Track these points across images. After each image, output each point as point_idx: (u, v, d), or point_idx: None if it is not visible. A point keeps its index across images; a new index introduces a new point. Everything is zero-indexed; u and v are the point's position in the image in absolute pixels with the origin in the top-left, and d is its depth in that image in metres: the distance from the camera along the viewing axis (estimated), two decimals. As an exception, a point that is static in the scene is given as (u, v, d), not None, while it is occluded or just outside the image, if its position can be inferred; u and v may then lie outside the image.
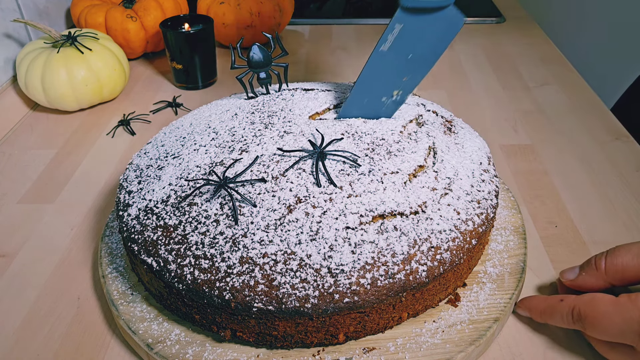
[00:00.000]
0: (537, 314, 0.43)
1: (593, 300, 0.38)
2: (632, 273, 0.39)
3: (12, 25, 0.77)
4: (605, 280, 0.41)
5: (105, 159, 0.67)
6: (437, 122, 0.50)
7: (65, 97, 0.72)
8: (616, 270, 0.40)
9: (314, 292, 0.36)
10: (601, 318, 0.37)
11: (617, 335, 0.37)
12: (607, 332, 0.37)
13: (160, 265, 0.39)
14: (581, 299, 0.39)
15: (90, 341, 0.44)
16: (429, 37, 0.44)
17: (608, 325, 0.37)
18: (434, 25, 0.44)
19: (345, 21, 1.06)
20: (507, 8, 1.12)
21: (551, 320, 0.42)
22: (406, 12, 0.43)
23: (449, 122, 0.51)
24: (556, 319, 0.41)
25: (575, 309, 0.39)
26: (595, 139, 0.68)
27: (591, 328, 0.38)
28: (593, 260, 0.42)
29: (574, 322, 0.39)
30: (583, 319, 0.38)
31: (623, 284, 0.40)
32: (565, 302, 0.40)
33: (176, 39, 0.77)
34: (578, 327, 0.39)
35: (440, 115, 0.52)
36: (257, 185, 0.41)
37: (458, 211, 0.41)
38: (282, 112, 0.48)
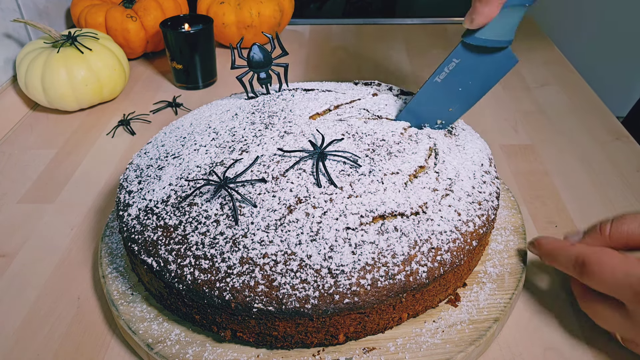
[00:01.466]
0: (545, 253, 0.44)
1: (602, 251, 0.39)
2: (636, 240, 0.40)
3: (12, 25, 0.77)
4: (609, 245, 0.41)
5: (105, 159, 0.67)
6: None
7: (65, 97, 0.72)
8: (621, 237, 0.41)
9: (314, 293, 0.36)
10: (604, 267, 0.38)
11: (614, 288, 0.37)
12: (605, 283, 0.38)
13: (160, 265, 0.39)
14: (591, 248, 0.40)
15: (90, 341, 0.44)
16: (481, 74, 0.47)
17: (609, 276, 0.37)
18: (487, 63, 0.46)
19: (345, 21, 1.06)
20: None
21: (555, 262, 0.43)
22: (466, 49, 0.46)
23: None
24: (561, 260, 0.42)
25: (582, 255, 0.40)
26: (596, 139, 0.68)
27: (590, 275, 0.39)
28: (598, 225, 0.42)
29: (575, 267, 0.40)
30: (586, 265, 0.39)
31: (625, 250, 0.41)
32: (575, 248, 0.41)
33: (176, 39, 0.77)
34: (576, 273, 0.40)
35: None
36: (257, 186, 0.41)
37: (459, 212, 0.41)
38: (282, 113, 0.48)
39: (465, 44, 0.46)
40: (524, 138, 0.69)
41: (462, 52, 0.46)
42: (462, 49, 0.46)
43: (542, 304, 0.46)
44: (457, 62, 0.47)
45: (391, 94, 0.54)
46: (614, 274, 0.37)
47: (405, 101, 0.52)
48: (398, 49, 0.95)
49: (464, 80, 0.47)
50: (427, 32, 1.01)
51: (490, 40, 0.45)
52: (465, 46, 0.46)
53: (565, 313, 0.45)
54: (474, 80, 0.47)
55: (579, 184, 0.61)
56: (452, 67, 0.47)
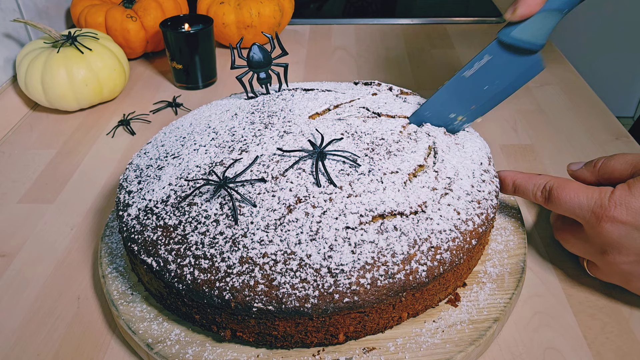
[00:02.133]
0: (510, 183, 0.48)
1: (566, 179, 0.44)
2: (617, 175, 0.44)
3: (12, 25, 0.77)
4: (596, 176, 0.46)
5: (105, 159, 0.67)
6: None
7: (65, 97, 0.72)
8: (606, 171, 0.45)
9: (313, 292, 0.36)
10: (568, 191, 0.42)
11: (575, 209, 0.42)
12: (567, 205, 0.42)
13: (160, 265, 0.39)
14: (557, 177, 0.44)
15: (90, 341, 0.44)
16: (508, 75, 0.48)
17: (570, 199, 0.42)
18: (516, 65, 0.47)
19: (345, 21, 1.06)
20: (507, 8, 1.12)
21: (522, 191, 0.47)
22: (499, 46, 0.47)
23: None
24: (527, 189, 0.46)
25: (549, 183, 0.44)
26: (595, 139, 0.68)
27: (555, 200, 0.43)
28: (595, 160, 0.47)
29: (542, 193, 0.45)
30: (552, 190, 0.43)
31: (608, 183, 0.45)
32: (543, 177, 0.45)
33: (176, 39, 0.77)
34: (543, 199, 0.45)
35: None
36: (257, 185, 0.41)
37: (458, 211, 0.41)
38: (282, 112, 0.48)
39: (500, 41, 0.46)
40: (524, 138, 0.69)
41: (496, 49, 0.47)
42: (496, 45, 0.47)
43: (542, 304, 0.46)
44: (489, 59, 0.47)
45: (391, 94, 0.54)
46: (575, 197, 0.42)
47: (406, 100, 0.52)
48: (398, 49, 0.95)
49: (491, 79, 0.48)
50: (427, 32, 1.02)
51: (524, 41, 0.45)
52: (499, 43, 0.46)
53: (565, 313, 0.45)
54: (500, 80, 0.48)
55: (579, 184, 0.60)
56: (483, 64, 0.47)
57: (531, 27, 0.45)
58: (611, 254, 0.41)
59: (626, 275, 0.42)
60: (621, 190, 0.40)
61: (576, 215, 0.42)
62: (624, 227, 0.40)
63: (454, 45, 0.96)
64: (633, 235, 0.40)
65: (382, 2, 1.17)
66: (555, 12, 0.45)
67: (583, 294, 0.47)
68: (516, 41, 0.46)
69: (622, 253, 0.41)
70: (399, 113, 0.49)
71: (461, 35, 1.00)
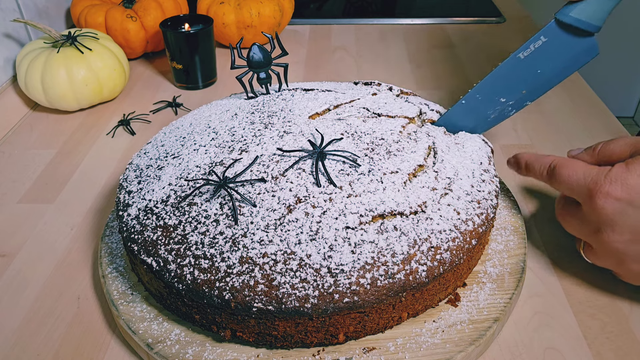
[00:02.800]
0: (525, 164, 0.49)
1: (570, 159, 0.45)
2: (616, 157, 0.45)
3: (12, 25, 0.77)
4: (595, 159, 0.47)
5: (105, 159, 0.67)
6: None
7: (65, 97, 0.72)
8: (604, 154, 0.46)
9: (313, 292, 0.36)
10: (569, 170, 0.43)
11: (573, 187, 0.43)
12: (567, 182, 0.43)
13: (160, 265, 0.39)
14: (562, 157, 0.46)
15: (90, 341, 0.44)
16: (562, 59, 0.48)
17: (570, 176, 0.43)
18: (571, 49, 0.47)
19: (345, 21, 1.06)
20: (507, 8, 1.12)
21: (532, 171, 0.48)
22: (556, 27, 0.46)
23: None
24: (536, 168, 0.47)
25: (554, 162, 0.45)
26: (595, 139, 0.68)
27: (557, 177, 0.44)
28: (594, 144, 0.47)
29: (547, 173, 0.46)
30: (555, 169, 0.45)
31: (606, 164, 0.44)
32: (549, 157, 0.47)
33: (176, 39, 0.77)
34: (547, 177, 0.46)
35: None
36: (256, 185, 0.41)
37: (458, 211, 0.41)
38: (282, 112, 0.48)
39: (557, 21, 0.46)
40: (524, 138, 0.69)
41: (553, 30, 0.46)
42: (553, 26, 0.46)
43: (542, 304, 0.46)
44: (544, 41, 0.47)
45: (391, 94, 0.54)
46: (574, 174, 0.43)
47: (407, 100, 0.52)
48: (398, 49, 0.95)
49: (545, 62, 0.47)
50: (427, 32, 1.01)
51: (582, 21, 0.45)
52: (557, 24, 0.46)
53: (565, 313, 0.45)
54: (554, 64, 0.48)
55: (579, 184, 0.60)
56: (538, 46, 0.47)
57: (590, 8, 0.44)
58: (605, 232, 0.41)
59: (620, 255, 0.42)
60: (618, 167, 0.40)
61: (574, 192, 0.43)
62: (619, 203, 0.39)
63: (454, 45, 0.96)
64: (627, 212, 0.39)
65: (382, 2, 1.17)
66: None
67: (583, 294, 0.47)
68: (574, 21, 0.45)
69: (615, 231, 0.40)
70: (399, 113, 0.49)
71: (461, 35, 1.00)
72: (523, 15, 1.09)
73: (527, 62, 0.48)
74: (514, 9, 1.12)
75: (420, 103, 0.52)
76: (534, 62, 0.48)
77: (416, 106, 0.51)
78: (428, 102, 0.54)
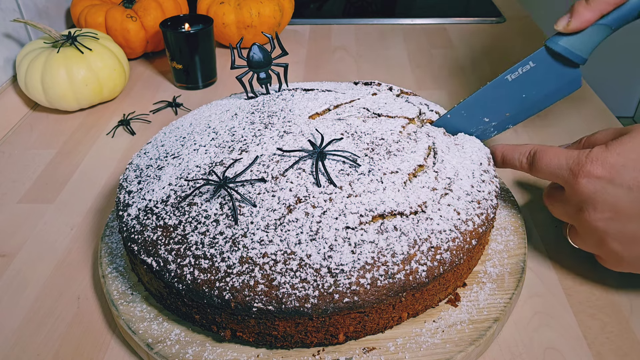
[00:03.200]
0: (498, 156, 0.49)
1: (551, 146, 0.45)
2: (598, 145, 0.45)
3: (12, 25, 0.77)
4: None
5: (105, 159, 0.67)
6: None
7: (65, 97, 0.72)
8: (589, 144, 0.46)
9: (313, 292, 0.36)
10: (549, 155, 0.44)
11: (555, 171, 0.43)
12: (548, 167, 0.43)
13: (160, 265, 0.39)
14: (541, 145, 0.45)
15: (90, 341, 0.44)
16: (546, 86, 0.49)
17: (550, 161, 0.43)
18: (556, 77, 0.49)
19: (345, 21, 1.06)
20: (507, 8, 1.12)
21: (509, 161, 0.48)
22: (545, 54, 0.48)
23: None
24: (514, 158, 0.47)
25: (533, 149, 0.45)
26: (595, 139, 0.68)
27: (538, 164, 0.44)
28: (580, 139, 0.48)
29: (527, 162, 0.46)
30: (535, 155, 0.45)
31: None
32: (528, 145, 0.47)
33: (176, 39, 0.77)
34: (527, 165, 0.46)
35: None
36: (256, 185, 0.41)
37: (458, 211, 0.41)
38: (282, 112, 0.48)
39: (547, 48, 0.48)
40: (524, 138, 0.69)
41: (541, 56, 0.48)
42: (542, 53, 0.48)
43: (542, 304, 0.46)
44: (532, 67, 0.49)
45: (391, 94, 0.54)
46: (555, 158, 0.43)
47: (408, 100, 0.52)
48: (398, 49, 0.95)
49: (531, 87, 0.49)
50: (427, 32, 1.01)
51: (570, 51, 0.47)
52: (546, 51, 0.48)
53: (565, 313, 0.45)
54: (538, 91, 0.49)
55: (579, 184, 0.60)
56: (526, 70, 0.49)
57: (578, 39, 0.46)
58: (586, 210, 0.41)
59: (601, 234, 0.42)
60: (598, 148, 0.41)
61: (557, 176, 0.43)
62: (599, 181, 0.40)
63: (454, 45, 0.96)
64: (608, 190, 0.40)
65: (382, 2, 1.17)
66: (605, 27, 0.46)
67: (583, 294, 0.47)
68: (563, 50, 0.47)
69: (597, 209, 0.41)
70: (399, 114, 0.49)
71: (461, 35, 1.00)
72: (523, 15, 1.09)
73: (514, 85, 0.49)
74: (514, 9, 1.12)
75: (420, 103, 0.52)
76: (521, 86, 0.49)
77: (416, 106, 0.51)
78: (428, 102, 0.54)
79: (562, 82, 0.49)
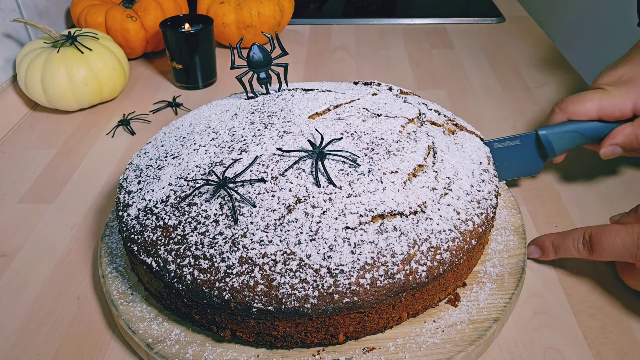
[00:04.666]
0: (549, 247, 0.47)
1: (605, 225, 0.43)
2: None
3: (12, 25, 0.77)
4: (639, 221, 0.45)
5: (105, 159, 0.67)
6: (440, 120, 0.50)
7: (65, 97, 0.72)
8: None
9: (313, 292, 0.36)
10: (608, 236, 0.42)
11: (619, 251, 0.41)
12: (612, 249, 0.42)
13: (159, 265, 0.39)
14: (594, 226, 0.44)
15: (90, 341, 0.44)
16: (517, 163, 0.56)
17: (613, 243, 0.42)
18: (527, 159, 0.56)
19: (345, 21, 1.06)
20: (507, 8, 1.12)
21: (563, 249, 0.46)
22: (532, 138, 0.55)
23: (452, 120, 0.52)
24: (569, 246, 0.45)
25: (587, 233, 0.44)
26: (596, 139, 0.68)
27: (598, 248, 0.43)
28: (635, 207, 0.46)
29: (584, 245, 0.44)
30: (592, 238, 0.43)
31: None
32: (579, 229, 0.45)
33: (176, 39, 0.77)
34: (586, 251, 0.44)
35: (442, 114, 0.52)
36: (256, 185, 0.41)
37: (458, 211, 0.41)
38: (281, 112, 0.48)
39: (537, 134, 0.54)
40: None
41: (528, 139, 0.55)
42: (530, 136, 0.54)
43: (542, 304, 0.46)
44: (518, 144, 0.55)
45: (391, 94, 0.54)
46: (617, 238, 0.41)
47: (406, 100, 0.52)
48: (398, 49, 0.95)
49: (508, 159, 0.55)
50: (427, 32, 1.01)
51: (551, 145, 0.54)
52: (535, 136, 0.54)
53: (565, 313, 0.45)
54: (510, 164, 0.56)
55: (578, 184, 0.60)
56: (512, 145, 0.55)
57: (562, 138, 0.54)
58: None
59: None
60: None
61: (623, 256, 0.42)
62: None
63: (454, 45, 0.96)
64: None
65: (382, 2, 1.17)
66: (581, 137, 0.54)
67: (583, 294, 0.47)
68: (547, 142, 0.54)
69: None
70: (399, 114, 0.49)
71: (461, 35, 0.99)
72: (523, 15, 1.09)
73: (497, 153, 0.54)
74: (514, 9, 1.12)
75: (419, 103, 0.52)
76: (502, 155, 0.55)
77: (415, 107, 0.51)
78: (426, 102, 0.54)
79: (528, 165, 0.56)
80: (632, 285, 0.45)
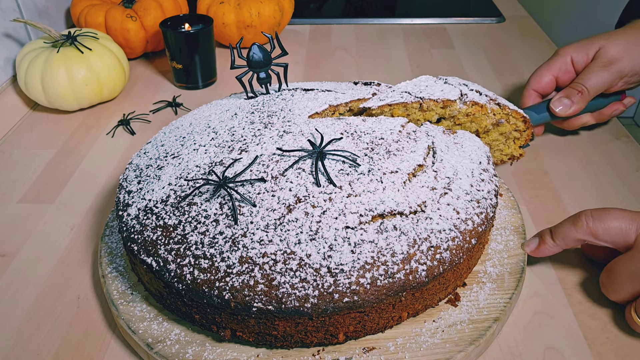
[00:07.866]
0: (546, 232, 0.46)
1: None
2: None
3: (12, 25, 0.77)
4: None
5: (105, 158, 0.67)
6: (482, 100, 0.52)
7: (65, 97, 0.72)
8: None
9: (313, 292, 0.36)
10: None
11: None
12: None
13: (159, 265, 0.39)
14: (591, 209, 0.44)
15: (90, 341, 0.44)
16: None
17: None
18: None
19: (345, 21, 1.06)
20: (507, 8, 1.12)
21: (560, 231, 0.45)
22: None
23: (494, 100, 0.53)
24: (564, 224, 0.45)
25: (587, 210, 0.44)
26: (595, 139, 0.68)
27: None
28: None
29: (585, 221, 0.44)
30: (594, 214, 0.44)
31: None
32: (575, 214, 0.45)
33: (176, 38, 0.77)
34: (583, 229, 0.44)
35: (484, 94, 0.54)
36: (256, 185, 0.41)
37: (457, 211, 0.41)
38: (281, 112, 0.48)
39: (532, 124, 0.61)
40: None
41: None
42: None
43: (542, 304, 0.46)
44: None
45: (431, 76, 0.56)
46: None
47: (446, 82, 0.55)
48: (398, 49, 0.95)
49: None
50: (427, 32, 1.01)
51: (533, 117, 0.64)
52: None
53: (565, 313, 0.45)
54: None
55: (578, 184, 0.60)
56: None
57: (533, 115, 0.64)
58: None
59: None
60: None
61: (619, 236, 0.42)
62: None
63: (454, 45, 0.96)
64: None
65: (382, 2, 1.17)
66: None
67: (583, 294, 0.47)
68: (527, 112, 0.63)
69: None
70: (441, 96, 0.51)
71: (461, 35, 1.00)
72: (523, 15, 1.09)
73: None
74: (514, 9, 1.12)
75: (459, 84, 0.54)
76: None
77: (456, 87, 0.53)
78: (467, 83, 0.55)
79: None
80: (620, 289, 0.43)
